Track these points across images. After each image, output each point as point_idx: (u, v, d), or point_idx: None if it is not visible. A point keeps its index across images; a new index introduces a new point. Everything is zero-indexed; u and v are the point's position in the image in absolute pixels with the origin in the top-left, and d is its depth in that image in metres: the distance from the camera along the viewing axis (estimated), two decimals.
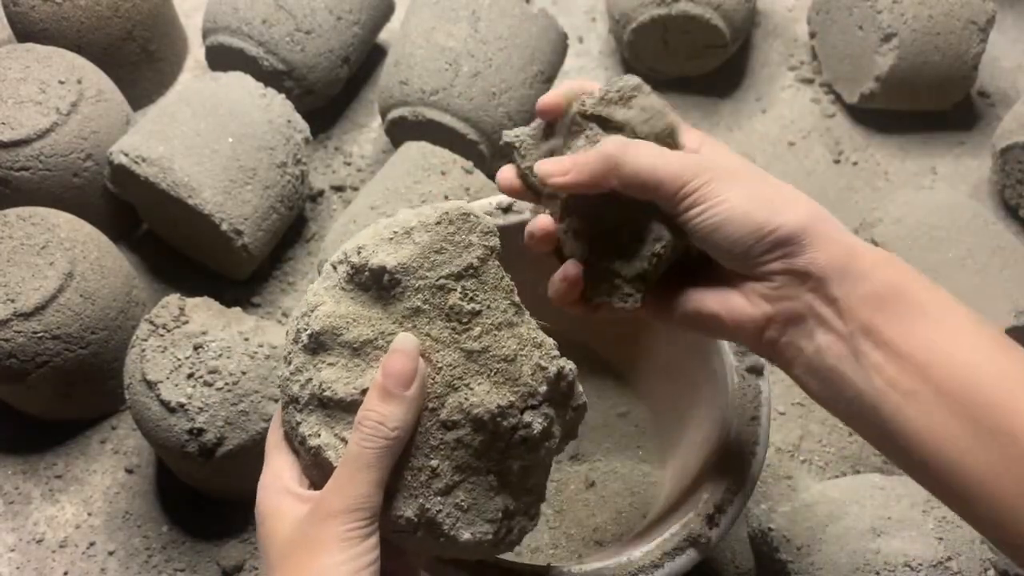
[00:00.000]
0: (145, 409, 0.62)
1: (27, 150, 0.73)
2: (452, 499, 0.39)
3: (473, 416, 0.38)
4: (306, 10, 0.83)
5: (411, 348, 0.39)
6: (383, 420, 0.38)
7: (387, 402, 0.38)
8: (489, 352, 0.39)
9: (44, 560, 0.68)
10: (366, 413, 0.38)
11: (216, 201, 0.72)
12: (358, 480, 0.38)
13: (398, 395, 0.38)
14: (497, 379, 0.39)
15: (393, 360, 0.38)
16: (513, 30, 0.80)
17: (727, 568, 0.67)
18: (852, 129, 0.91)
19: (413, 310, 0.39)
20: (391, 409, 0.38)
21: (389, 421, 0.38)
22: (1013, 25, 0.98)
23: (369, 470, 0.38)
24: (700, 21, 0.85)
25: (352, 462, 0.38)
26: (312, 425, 0.40)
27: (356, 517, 0.37)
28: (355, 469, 0.38)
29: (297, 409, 0.41)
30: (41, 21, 0.83)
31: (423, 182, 0.73)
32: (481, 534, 0.40)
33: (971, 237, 0.70)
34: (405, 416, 0.38)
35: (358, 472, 0.38)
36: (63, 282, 0.66)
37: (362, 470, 0.38)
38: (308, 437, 0.40)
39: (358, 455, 0.38)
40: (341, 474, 0.38)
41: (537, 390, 0.39)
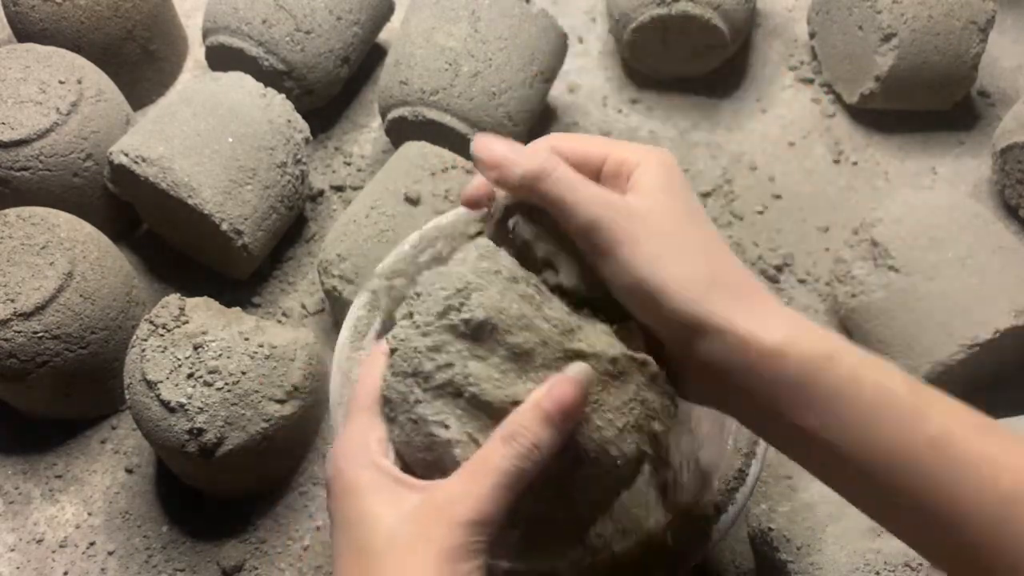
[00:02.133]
0: (145, 409, 0.62)
1: (27, 150, 0.73)
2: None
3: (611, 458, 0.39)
4: (306, 10, 0.83)
5: (585, 380, 0.37)
6: (539, 443, 0.36)
7: (546, 427, 0.36)
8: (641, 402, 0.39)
9: (44, 560, 0.68)
10: (520, 430, 0.36)
11: (216, 201, 0.72)
12: (496, 495, 0.35)
13: (562, 426, 0.36)
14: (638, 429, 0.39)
15: (566, 389, 0.37)
16: (513, 30, 0.80)
17: (727, 568, 0.67)
18: (852, 129, 0.91)
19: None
20: (548, 435, 0.36)
21: (543, 447, 0.36)
22: (1013, 25, 0.98)
23: (509, 489, 0.36)
24: (700, 21, 0.85)
25: (493, 474, 0.36)
26: (439, 411, 0.38)
27: (478, 532, 0.35)
28: (498, 484, 0.35)
29: (422, 388, 0.38)
30: (41, 21, 0.83)
31: (423, 182, 0.73)
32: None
33: (971, 237, 0.70)
34: (556, 445, 0.36)
35: (498, 487, 0.35)
36: (63, 282, 0.66)
37: (502, 487, 0.36)
38: (432, 423, 0.38)
39: (503, 470, 0.36)
40: (475, 481, 0.36)
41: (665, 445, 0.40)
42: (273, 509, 0.69)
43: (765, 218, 0.84)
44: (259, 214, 0.74)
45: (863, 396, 0.36)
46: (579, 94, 0.94)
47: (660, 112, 0.92)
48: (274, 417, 0.63)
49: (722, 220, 0.84)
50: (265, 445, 0.63)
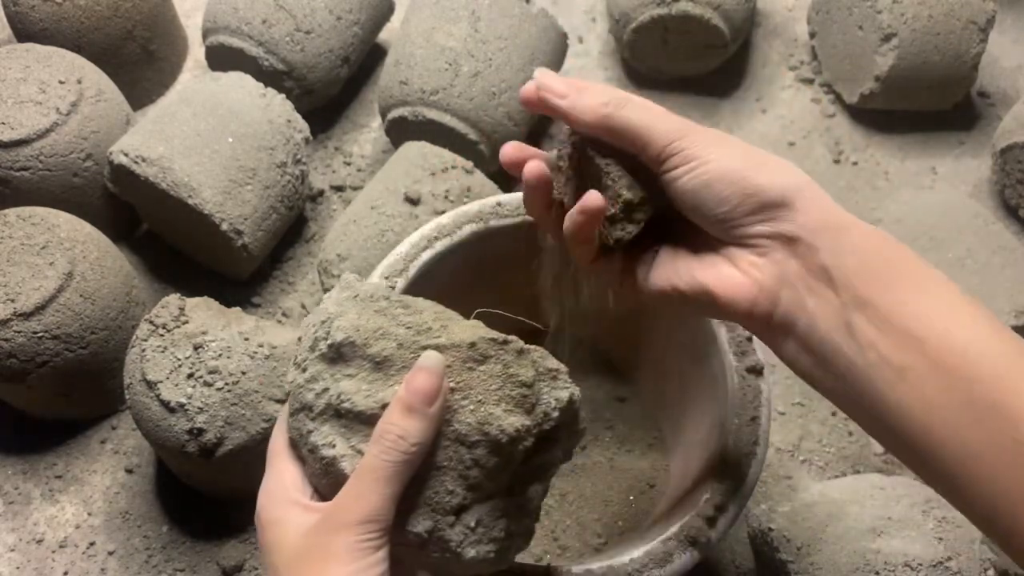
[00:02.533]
0: (145, 409, 0.62)
1: (27, 150, 0.73)
2: (463, 519, 0.40)
3: (492, 437, 0.39)
4: (306, 10, 0.83)
5: (436, 366, 0.39)
6: (404, 435, 0.38)
7: (409, 417, 0.38)
8: (509, 377, 0.40)
9: (44, 560, 0.68)
10: (387, 427, 0.38)
11: (216, 201, 0.72)
12: (375, 492, 0.37)
13: (420, 411, 0.38)
14: (514, 404, 0.39)
15: (418, 377, 0.38)
16: (513, 30, 0.80)
17: (727, 568, 0.67)
18: (852, 129, 0.91)
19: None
20: (413, 424, 0.38)
21: (410, 436, 0.38)
22: (1013, 25, 0.98)
23: (386, 483, 0.37)
24: (700, 21, 0.85)
25: (369, 474, 0.38)
26: (326, 435, 0.40)
27: (369, 529, 0.37)
28: (372, 481, 0.38)
29: (310, 417, 0.41)
30: (41, 21, 0.83)
31: (423, 182, 0.73)
32: (485, 552, 0.40)
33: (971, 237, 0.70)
34: (425, 433, 0.38)
35: (375, 484, 0.37)
36: (63, 282, 0.66)
37: (379, 482, 0.37)
38: (321, 447, 0.40)
39: (376, 467, 0.38)
40: (356, 485, 0.38)
41: (551, 415, 0.40)
42: None
43: None
44: (259, 214, 0.74)
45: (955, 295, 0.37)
46: None
47: None
48: (274, 417, 0.63)
49: None
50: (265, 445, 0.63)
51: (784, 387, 0.74)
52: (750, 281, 0.40)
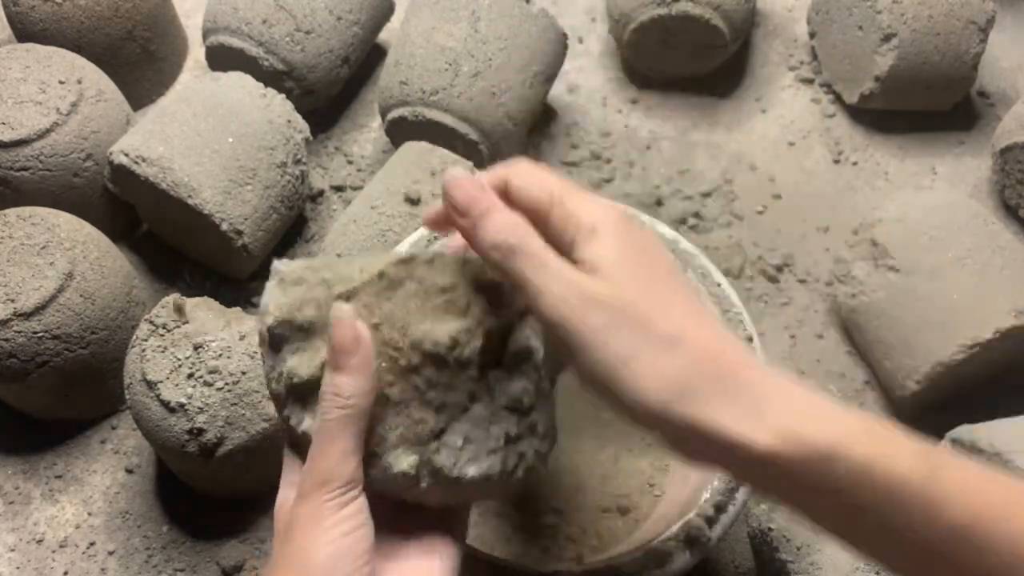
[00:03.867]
0: (145, 409, 0.62)
1: (27, 150, 0.73)
2: (446, 441, 0.40)
3: (430, 352, 0.39)
4: (306, 10, 0.83)
5: (346, 315, 0.39)
6: (337, 390, 0.38)
7: (337, 373, 0.38)
8: (427, 289, 0.40)
9: (44, 560, 0.68)
10: (323, 388, 0.39)
11: (216, 201, 0.72)
12: (325, 453, 0.38)
13: (344, 364, 0.38)
14: (443, 311, 0.40)
15: (335, 332, 0.39)
16: (513, 30, 0.80)
17: (727, 568, 0.67)
18: (852, 129, 0.91)
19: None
20: (342, 379, 0.38)
21: (343, 390, 0.38)
22: (1013, 25, 0.98)
23: (334, 441, 0.38)
24: (700, 21, 0.85)
25: (318, 437, 0.39)
26: (297, 415, 0.41)
27: (328, 489, 0.38)
28: (322, 443, 0.38)
29: (283, 407, 0.42)
30: (41, 21, 0.83)
31: (423, 182, 0.73)
32: (487, 467, 0.40)
33: (971, 237, 0.70)
34: (356, 383, 0.38)
35: (325, 445, 0.38)
36: (63, 282, 0.66)
37: (327, 442, 0.38)
38: (296, 427, 0.41)
39: (320, 429, 0.39)
40: (311, 452, 0.39)
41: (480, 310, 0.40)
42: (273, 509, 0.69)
43: (765, 218, 0.84)
44: (259, 214, 0.74)
45: (871, 496, 0.34)
46: (579, 94, 0.94)
47: (660, 112, 0.92)
48: (274, 417, 0.63)
49: (722, 220, 0.84)
50: (265, 445, 0.63)
51: None
52: None
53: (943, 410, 0.69)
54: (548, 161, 0.88)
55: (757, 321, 0.78)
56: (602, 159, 0.88)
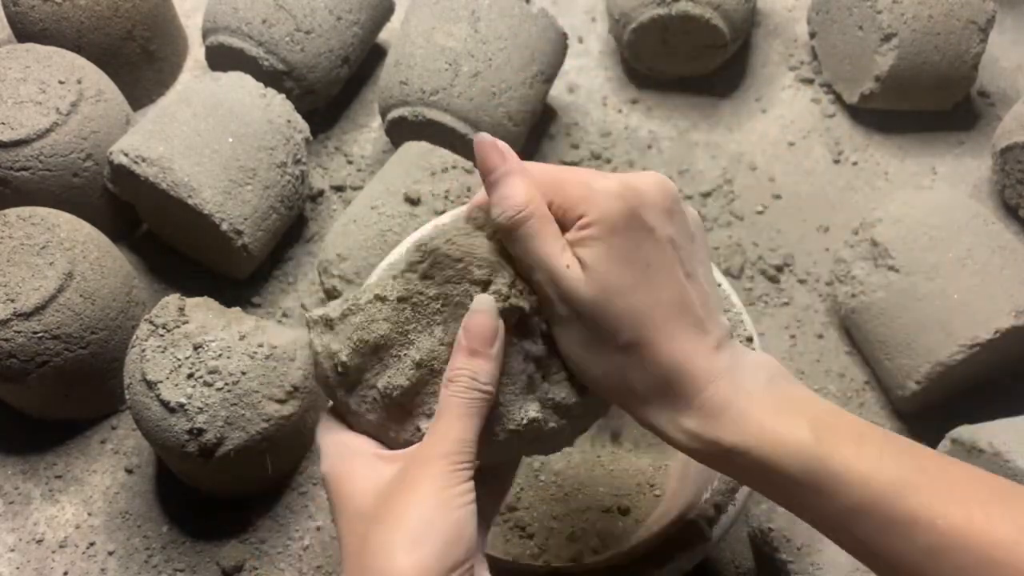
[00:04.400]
0: (145, 409, 0.62)
1: (27, 150, 0.73)
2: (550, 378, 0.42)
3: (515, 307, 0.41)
4: (306, 10, 0.83)
5: (490, 307, 0.40)
6: (475, 375, 0.39)
7: (475, 358, 0.39)
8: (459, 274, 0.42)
9: (44, 560, 0.68)
10: (457, 371, 0.40)
11: (216, 201, 0.72)
12: (458, 427, 0.39)
13: (484, 352, 0.39)
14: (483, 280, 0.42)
15: (476, 320, 0.40)
16: (513, 30, 0.80)
17: (727, 568, 0.67)
18: (852, 129, 0.91)
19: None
20: (480, 364, 0.39)
21: (480, 376, 0.39)
22: (1013, 25, 0.98)
23: (467, 419, 0.39)
24: (700, 21, 0.85)
25: (450, 411, 0.39)
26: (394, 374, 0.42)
27: (455, 460, 0.38)
28: (454, 418, 0.39)
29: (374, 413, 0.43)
30: (41, 21, 0.83)
31: (423, 182, 0.73)
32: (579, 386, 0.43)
33: (971, 237, 0.70)
34: (493, 372, 0.40)
35: (457, 420, 0.39)
36: (63, 282, 0.66)
37: (461, 419, 0.39)
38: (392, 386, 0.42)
39: (456, 405, 0.39)
40: (439, 425, 0.39)
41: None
42: (273, 509, 0.69)
43: (765, 218, 0.84)
44: (259, 214, 0.74)
45: (774, 485, 0.39)
46: (579, 94, 0.94)
47: (660, 112, 0.92)
48: (274, 417, 0.63)
49: (722, 220, 0.84)
50: (265, 445, 0.63)
51: None
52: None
53: (943, 410, 0.69)
54: (548, 161, 0.88)
55: (757, 321, 0.78)
56: (602, 159, 0.88)
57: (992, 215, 0.74)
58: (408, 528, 0.37)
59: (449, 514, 0.37)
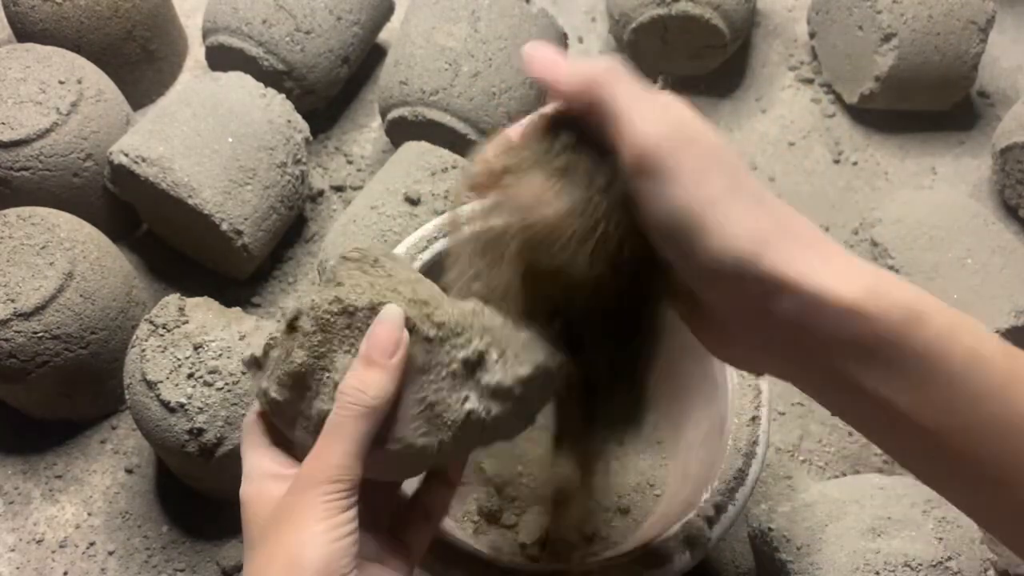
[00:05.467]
0: (145, 409, 0.62)
1: (27, 150, 0.73)
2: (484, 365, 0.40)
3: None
4: (306, 10, 0.83)
5: (395, 316, 0.38)
6: (364, 387, 0.37)
7: (369, 369, 0.37)
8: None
9: (44, 560, 0.68)
10: (347, 382, 0.38)
11: (216, 201, 0.72)
12: (337, 451, 0.37)
13: (381, 363, 0.37)
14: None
15: (378, 329, 0.38)
16: (513, 30, 0.80)
17: (727, 568, 0.67)
18: (852, 129, 0.91)
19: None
20: (373, 377, 0.37)
21: (369, 388, 0.37)
22: (1013, 25, 0.98)
23: (347, 440, 0.37)
24: (700, 21, 0.85)
25: (331, 432, 0.37)
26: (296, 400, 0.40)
27: (335, 488, 0.37)
28: (334, 439, 0.37)
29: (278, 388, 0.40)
30: (41, 21, 0.83)
31: (423, 182, 0.73)
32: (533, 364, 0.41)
33: (971, 237, 0.70)
34: (387, 384, 0.37)
35: (336, 443, 0.37)
36: (63, 282, 0.66)
37: (341, 440, 0.37)
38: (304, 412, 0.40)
39: (337, 424, 0.37)
40: (320, 444, 0.38)
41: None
42: None
43: None
44: (259, 214, 0.74)
45: (954, 363, 0.33)
46: None
47: None
48: None
49: None
50: None
51: (784, 387, 0.74)
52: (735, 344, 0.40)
53: None
54: None
55: None
56: None
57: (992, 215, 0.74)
58: (279, 564, 0.36)
59: (317, 550, 0.36)
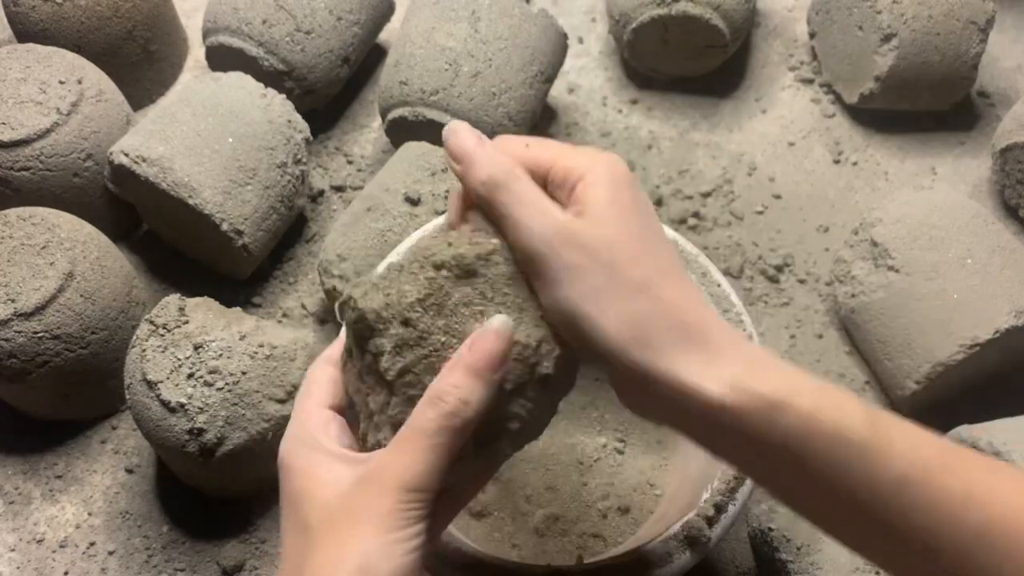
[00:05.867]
0: (145, 409, 0.62)
1: (27, 150, 0.73)
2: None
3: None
4: (306, 10, 0.83)
5: (507, 331, 0.37)
6: (467, 399, 0.35)
7: (474, 380, 0.36)
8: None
9: (44, 560, 0.68)
10: (448, 388, 0.36)
11: (216, 201, 0.72)
12: (429, 457, 0.35)
13: (487, 377, 0.36)
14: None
15: (488, 340, 0.36)
16: (513, 30, 0.80)
17: (727, 568, 0.67)
18: (852, 129, 0.91)
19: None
20: (477, 389, 0.36)
21: (473, 401, 0.35)
22: (1013, 25, 0.98)
23: (440, 450, 0.35)
24: (700, 21, 0.85)
25: (424, 437, 0.35)
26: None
27: (415, 497, 0.35)
28: (428, 445, 0.35)
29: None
30: (41, 21, 0.83)
31: (423, 182, 0.73)
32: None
33: (971, 237, 0.70)
34: (487, 399, 0.36)
35: (428, 450, 0.35)
36: (63, 282, 0.66)
37: (433, 449, 0.35)
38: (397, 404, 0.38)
39: (433, 431, 0.35)
40: (407, 447, 0.35)
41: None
42: (273, 509, 0.69)
43: (765, 218, 0.84)
44: (259, 214, 0.74)
45: (817, 446, 0.34)
46: (579, 94, 0.94)
47: (660, 112, 0.92)
48: (274, 417, 0.63)
49: (722, 220, 0.84)
50: (265, 445, 0.63)
51: None
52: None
53: (943, 410, 0.69)
54: None
55: (757, 321, 0.78)
56: None
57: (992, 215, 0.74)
58: (350, 568, 0.34)
59: (390, 562, 0.34)
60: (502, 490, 0.65)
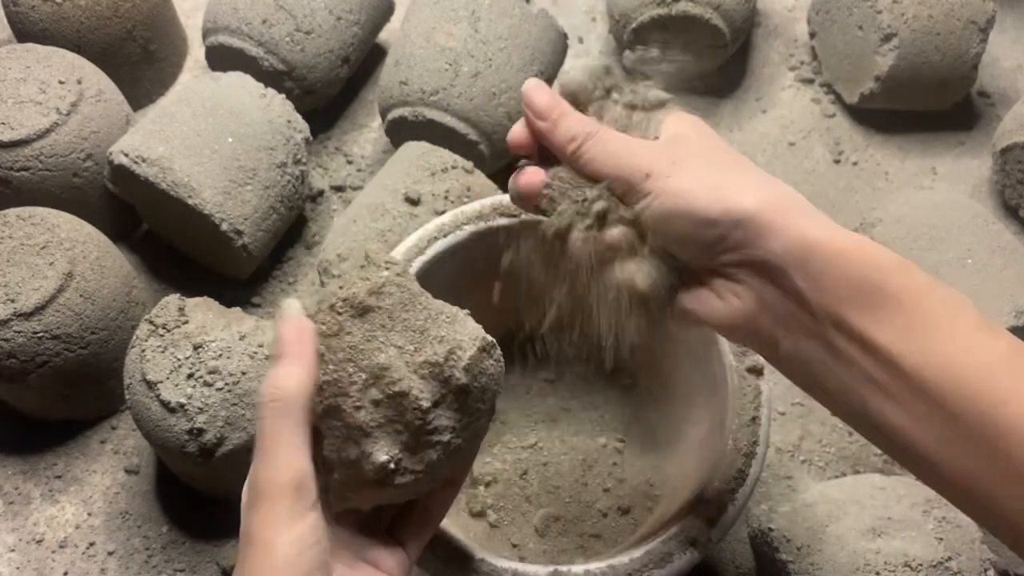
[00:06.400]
0: (145, 409, 0.62)
1: (27, 150, 0.73)
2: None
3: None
4: (306, 10, 0.83)
5: (294, 311, 0.39)
6: (277, 383, 0.37)
7: (278, 366, 0.37)
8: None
9: (44, 560, 0.68)
10: (262, 388, 0.37)
11: (216, 201, 0.72)
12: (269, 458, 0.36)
13: (290, 352, 0.37)
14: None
15: (278, 325, 0.38)
16: (513, 30, 0.80)
17: (727, 568, 0.67)
18: (852, 129, 0.91)
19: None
20: (284, 370, 0.37)
21: (283, 382, 0.37)
22: (1013, 25, 0.98)
23: (285, 436, 0.36)
24: (700, 21, 0.85)
25: (259, 441, 0.37)
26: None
27: (278, 497, 0.36)
28: (265, 446, 0.36)
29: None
30: (41, 21, 0.83)
31: (423, 182, 0.73)
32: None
33: (971, 237, 0.70)
34: (300, 374, 0.37)
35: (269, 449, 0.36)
36: (63, 282, 0.66)
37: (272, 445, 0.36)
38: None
39: (268, 427, 0.36)
40: (263, 455, 0.37)
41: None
42: None
43: None
44: (259, 214, 0.74)
45: (934, 304, 0.35)
46: None
47: None
48: None
49: None
50: None
51: (784, 387, 0.74)
52: (731, 309, 0.41)
53: None
54: None
55: None
56: None
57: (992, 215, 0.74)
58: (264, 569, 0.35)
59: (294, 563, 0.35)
60: (502, 490, 0.65)
